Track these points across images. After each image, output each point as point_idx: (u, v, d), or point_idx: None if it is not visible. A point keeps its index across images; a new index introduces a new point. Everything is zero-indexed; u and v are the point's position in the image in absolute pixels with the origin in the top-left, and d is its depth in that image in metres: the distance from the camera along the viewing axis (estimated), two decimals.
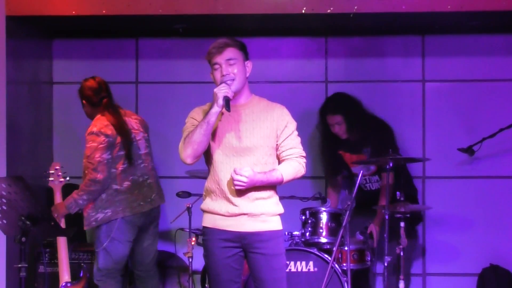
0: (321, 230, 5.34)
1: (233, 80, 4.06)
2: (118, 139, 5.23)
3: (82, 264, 5.63)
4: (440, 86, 6.39)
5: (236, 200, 4.07)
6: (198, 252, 5.55)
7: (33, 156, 6.08)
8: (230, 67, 4.08)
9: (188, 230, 5.40)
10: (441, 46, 6.35)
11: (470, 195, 6.30)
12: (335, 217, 5.35)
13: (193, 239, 5.37)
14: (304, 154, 4.20)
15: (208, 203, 4.17)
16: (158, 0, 5.61)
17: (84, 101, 5.44)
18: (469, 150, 6.03)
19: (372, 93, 6.37)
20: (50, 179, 5.40)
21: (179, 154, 4.08)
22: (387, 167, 5.05)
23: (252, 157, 4.09)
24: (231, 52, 4.10)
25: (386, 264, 5.30)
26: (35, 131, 6.14)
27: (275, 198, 4.18)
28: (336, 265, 5.11)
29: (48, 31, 6.35)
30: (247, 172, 3.99)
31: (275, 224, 4.16)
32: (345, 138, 5.77)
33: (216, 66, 4.10)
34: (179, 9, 5.63)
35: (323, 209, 5.36)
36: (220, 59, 4.08)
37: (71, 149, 6.33)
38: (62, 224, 5.15)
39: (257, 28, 6.23)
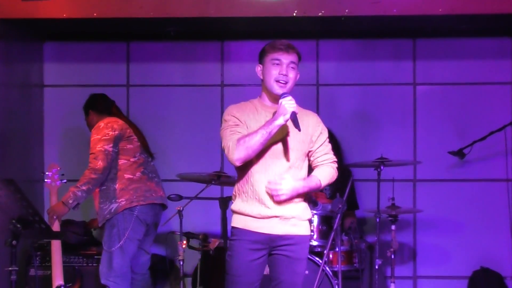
0: (312, 233, 5.34)
1: (288, 85, 4.07)
2: (128, 133, 5.30)
3: (76, 267, 5.63)
4: (431, 89, 6.40)
5: (269, 202, 4.06)
6: (189, 255, 5.56)
7: (24, 159, 6.07)
8: (290, 71, 4.08)
9: (179, 233, 5.39)
10: (432, 50, 6.37)
11: (461, 198, 6.32)
12: (326, 220, 5.35)
13: (184, 242, 5.36)
14: (336, 159, 4.24)
15: (239, 205, 4.14)
16: (149, 3, 5.61)
17: (91, 111, 5.49)
18: (459, 153, 6.05)
19: (363, 96, 6.39)
20: (46, 180, 5.29)
21: (227, 154, 4.01)
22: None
23: (287, 161, 4.09)
24: (295, 57, 4.11)
25: (377, 267, 5.31)
26: (26, 134, 6.12)
27: (305, 203, 4.21)
28: (328, 268, 5.11)
29: (39, 34, 6.34)
30: (288, 183, 4.02)
31: (304, 229, 4.18)
32: None
33: (276, 62, 4.07)
34: (171, 12, 5.63)
35: (314, 212, 5.36)
36: (285, 58, 4.07)
37: (62, 152, 6.33)
38: (56, 227, 5.11)
39: (248, 31, 6.23)
